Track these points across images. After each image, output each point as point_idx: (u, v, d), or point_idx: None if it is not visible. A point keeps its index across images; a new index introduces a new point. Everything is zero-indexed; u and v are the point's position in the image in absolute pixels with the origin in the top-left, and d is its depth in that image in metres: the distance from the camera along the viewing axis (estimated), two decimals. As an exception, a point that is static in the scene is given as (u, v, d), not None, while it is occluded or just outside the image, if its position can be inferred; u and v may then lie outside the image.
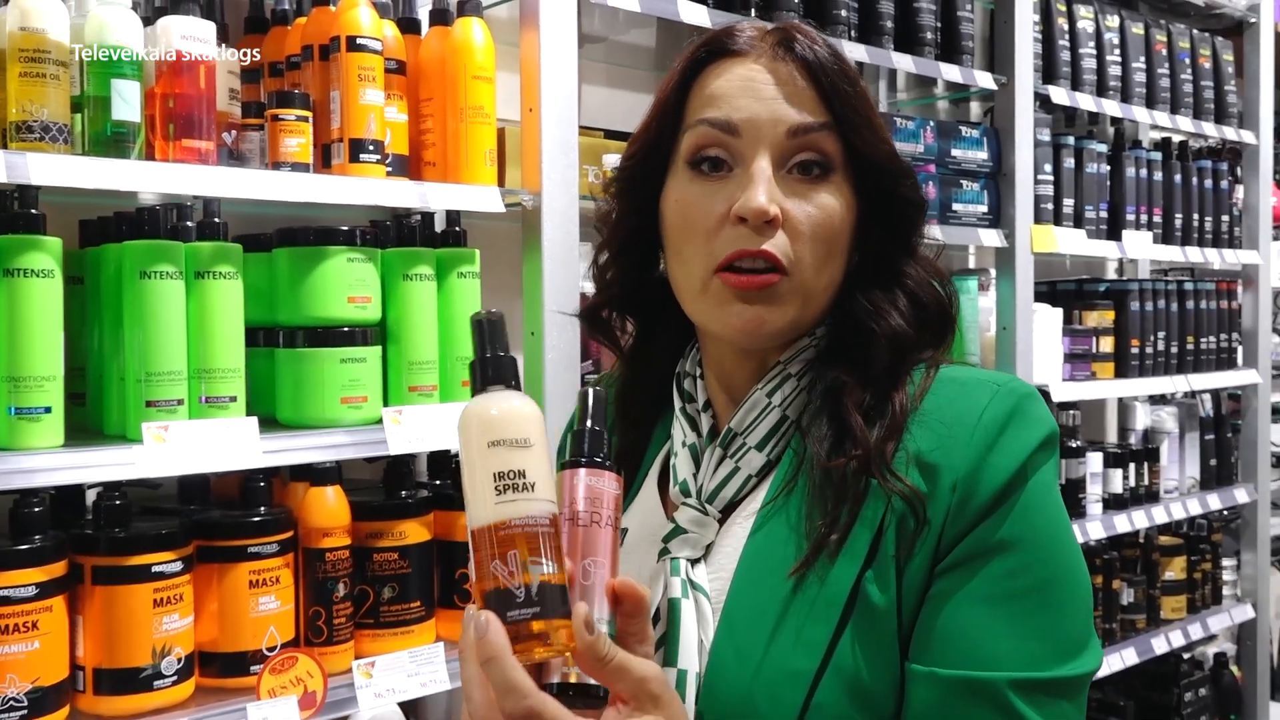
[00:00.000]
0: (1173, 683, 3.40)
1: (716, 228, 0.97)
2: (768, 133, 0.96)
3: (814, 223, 0.97)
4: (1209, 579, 3.51)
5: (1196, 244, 3.41)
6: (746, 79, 0.98)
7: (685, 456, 1.03)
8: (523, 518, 0.76)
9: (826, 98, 0.97)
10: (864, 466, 0.93)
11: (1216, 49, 3.52)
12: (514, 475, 0.77)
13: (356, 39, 1.75)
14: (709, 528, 0.99)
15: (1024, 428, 0.93)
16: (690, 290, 1.00)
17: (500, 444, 0.78)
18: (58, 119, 1.51)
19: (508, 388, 0.80)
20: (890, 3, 2.54)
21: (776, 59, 0.98)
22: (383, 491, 1.89)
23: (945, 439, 0.93)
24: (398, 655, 1.79)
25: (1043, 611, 0.90)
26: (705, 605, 0.95)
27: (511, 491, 0.77)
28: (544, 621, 0.75)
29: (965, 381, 0.98)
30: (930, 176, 2.64)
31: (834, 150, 0.98)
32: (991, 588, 0.90)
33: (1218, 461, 3.58)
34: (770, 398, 1.00)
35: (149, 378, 1.58)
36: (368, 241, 1.79)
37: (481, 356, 0.81)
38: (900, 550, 0.91)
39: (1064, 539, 0.94)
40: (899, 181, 1.01)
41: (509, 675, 0.74)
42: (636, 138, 1.05)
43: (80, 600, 1.57)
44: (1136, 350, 3.18)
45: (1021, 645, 0.89)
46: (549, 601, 0.75)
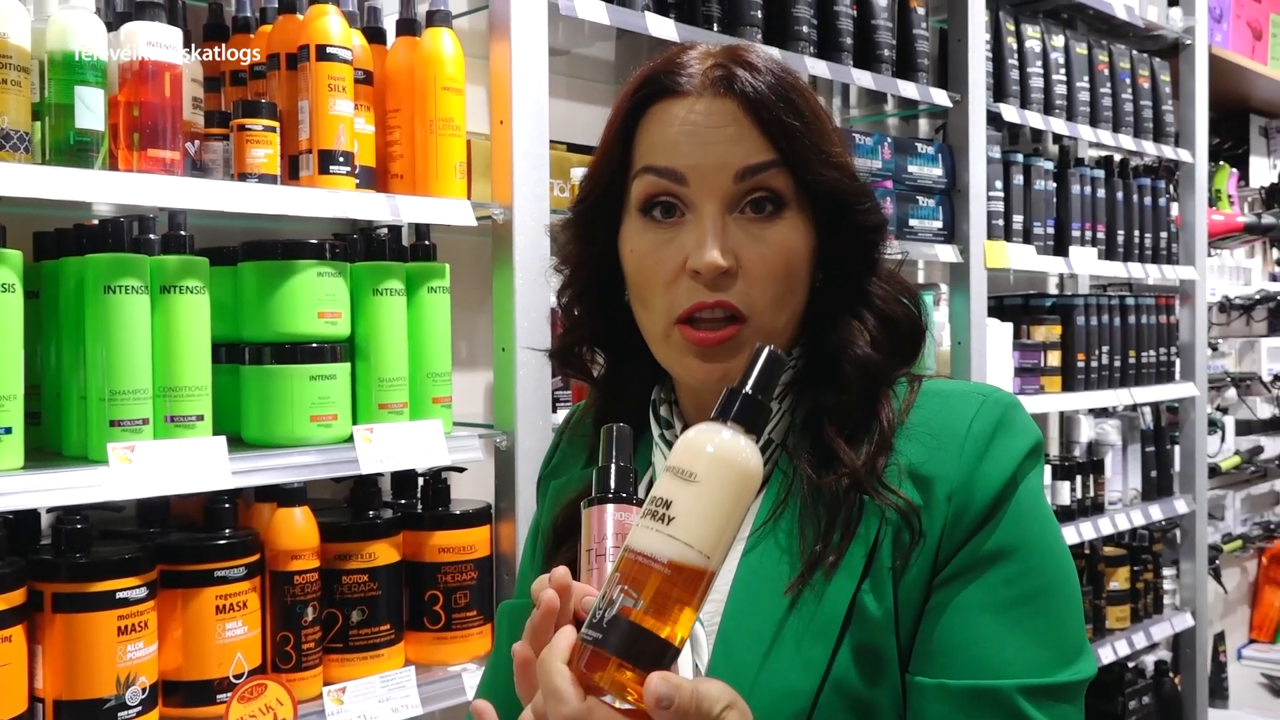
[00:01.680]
0: (1117, 692, 3.45)
1: (673, 279, 0.96)
2: (713, 179, 0.96)
3: (770, 265, 0.96)
4: (1151, 588, 3.58)
5: (1137, 260, 3.48)
6: (688, 123, 0.97)
7: None
8: (645, 550, 0.72)
9: (771, 134, 0.96)
10: (855, 484, 0.93)
11: (1155, 69, 3.60)
12: (660, 504, 0.74)
13: (326, 48, 1.71)
14: None
15: (1012, 436, 0.95)
16: (655, 337, 1.00)
17: (672, 469, 0.75)
18: (18, 127, 1.45)
19: (725, 422, 0.76)
20: (849, 20, 2.55)
21: (717, 96, 0.97)
22: (350, 512, 1.84)
23: (936, 450, 0.94)
24: (369, 680, 1.74)
25: (1042, 617, 0.92)
26: (698, 630, 0.94)
27: (651, 519, 0.73)
28: (595, 650, 0.72)
29: (950, 393, 0.99)
30: (888, 192, 2.66)
31: (784, 186, 0.97)
32: (992, 596, 0.91)
33: (1158, 473, 3.65)
34: None
35: (113, 396, 1.52)
36: (337, 255, 1.75)
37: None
38: (896, 562, 0.92)
39: (1056, 544, 0.96)
40: (854, 208, 1.00)
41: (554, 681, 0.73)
42: (587, 180, 1.05)
43: (40, 629, 1.50)
44: (1082, 364, 3.24)
45: (1026, 652, 0.90)
46: (618, 637, 0.71)
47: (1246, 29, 4.37)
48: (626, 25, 2.08)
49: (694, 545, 0.71)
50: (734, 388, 0.76)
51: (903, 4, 2.73)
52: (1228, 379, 4.76)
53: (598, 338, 1.11)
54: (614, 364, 1.12)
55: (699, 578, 0.72)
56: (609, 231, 1.03)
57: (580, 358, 1.12)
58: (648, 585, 0.71)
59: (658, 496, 0.73)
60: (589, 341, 1.11)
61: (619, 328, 1.08)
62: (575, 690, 0.73)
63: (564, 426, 1.22)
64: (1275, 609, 5.10)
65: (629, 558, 0.72)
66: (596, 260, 1.05)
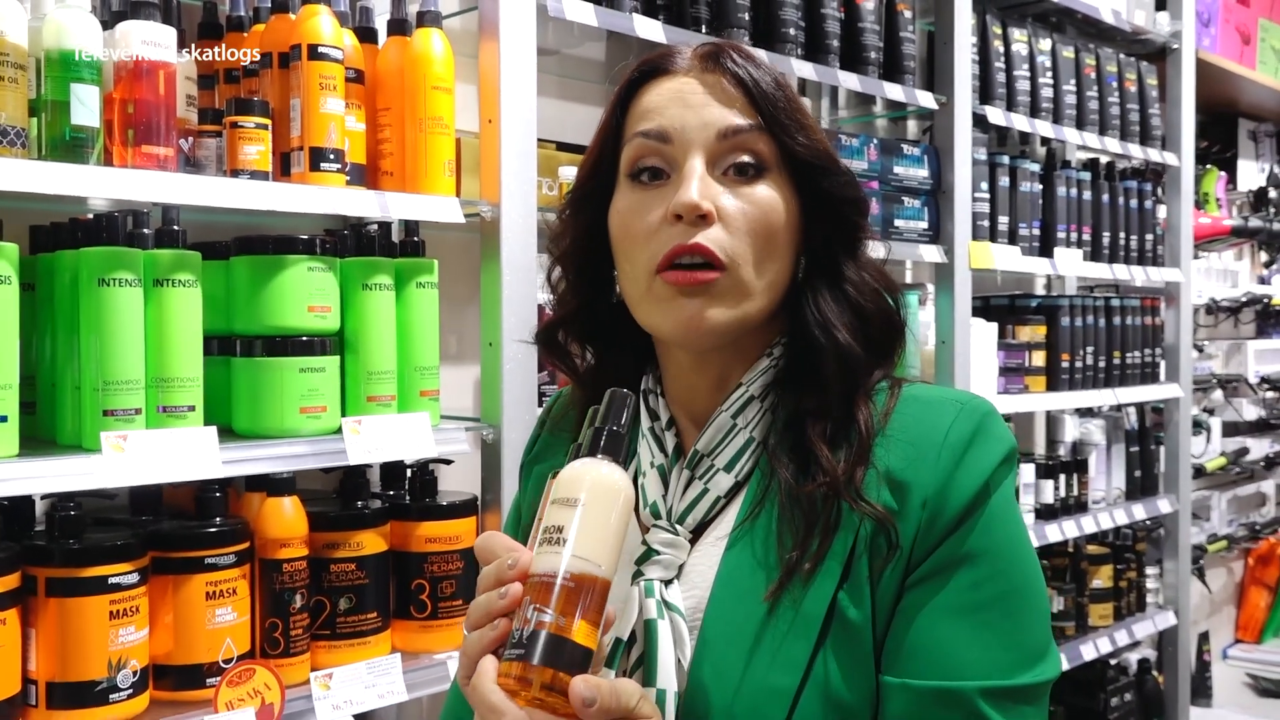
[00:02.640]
0: (1099, 689, 3.49)
1: (655, 230, 1.00)
2: (698, 136, 1.00)
3: (749, 217, 0.99)
4: (1134, 587, 3.62)
5: (1123, 261, 3.52)
6: (676, 91, 1.02)
7: (654, 478, 1.04)
8: (546, 571, 0.81)
9: (755, 102, 1.01)
10: (834, 492, 0.96)
11: (1141, 73, 3.64)
12: (553, 530, 0.83)
13: (318, 47, 1.75)
14: (681, 549, 1.01)
15: (987, 445, 0.97)
16: (636, 294, 1.02)
17: (556, 501, 0.85)
18: (15, 123, 1.48)
19: (595, 456, 0.86)
20: (836, 22, 2.59)
21: (706, 71, 1.02)
22: (338, 502, 1.88)
23: (913, 458, 0.96)
24: (355, 667, 1.78)
25: (1007, 620, 0.94)
26: (681, 625, 0.96)
27: (547, 545, 0.83)
28: (522, 665, 0.79)
29: (929, 400, 1.01)
30: (873, 193, 2.69)
31: (767, 150, 1.01)
32: (959, 599, 0.93)
33: (1142, 472, 3.69)
34: (735, 419, 1.02)
35: (106, 386, 1.55)
36: (327, 251, 1.78)
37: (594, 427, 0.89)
38: (873, 567, 0.94)
39: (1024, 551, 0.98)
40: (833, 177, 1.03)
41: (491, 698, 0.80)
42: (583, 161, 1.09)
43: (33, 613, 1.54)
44: (1067, 364, 3.28)
45: (989, 654, 0.92)
46: (539, 649, 0.79)
47: (1235, 33, 4.41)
48: (614, 27, 2.12)
49: (588, 558, 0.82)
50: (596, 427, 0.88)
51: (890, 6, 2.77)
52: (1214, 381, 4.80)
53: (585, 324, 1.12)
54: (600, 356, 1.14)
55: (597, 585, 0.82)
56: (601, 210, 1.06)
57: (564, 345, 1.14)
58: (556, 599, 0.80)
59: (549, 525, 0.83)
60: (574, 325, 1.12)
61: (606, 317, 1.10)
62: (511, 702, 0.80)
63: (545, 415, 1.24)
64: (1260, 609, 5.15)
65: (534, 581, 0.81)
66: (588, 237, 1.08)
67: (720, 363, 1.04)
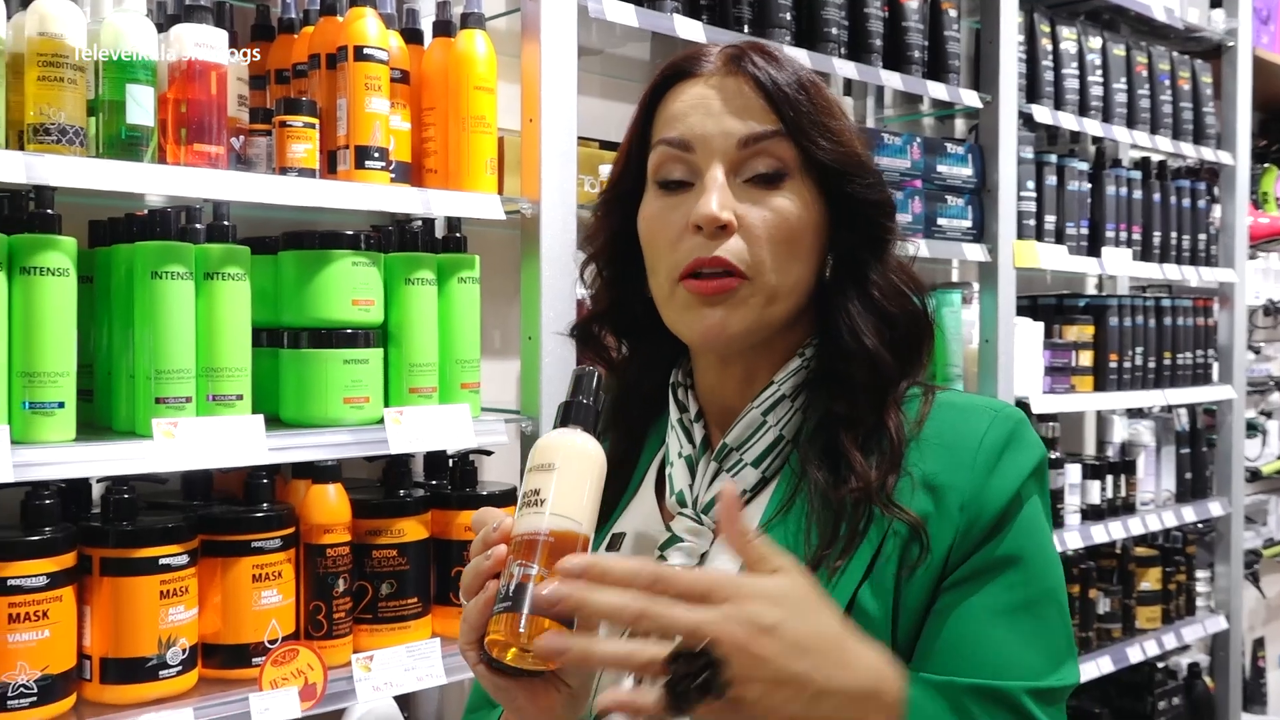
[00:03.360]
0: (1147, 691, 3.46)
1: (678, 238, 1.02)
2: (719, 145, 1.02)
3: (770, 225, 1.01)
4: (1183, 590, 3.58)
5: (1174, 261, 3.49)
6: (699, 97, 1.04)
7: (681, 468, 1.07)
8: (528, 530, 0.86)
9: (776, 106, 1.02)
10: (865, 497, 0.98)
11: (1196, 71, 3.60)
12: (531, 494, 0.88)
13: (364, 49, 1.80)
14: (704, 537, 1.03)
15: (1021, 451, 1.00)
16: (661, 298, 1.05)
17: (533, 469, 0.90)
18: (74, 122, 1.55)
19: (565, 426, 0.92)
20: (879, 21, 2.60)
21: (728, 75, 1.04)
22: (382, 490, 1.94)
23: (948, 462, 0.99)
24: (395, 650, 1.83)
25: (1042, 623, 0.97)
26: None
27: (526, 508, 0.87)
28: (513, 615, 0.83)
29: (963, 407, 1.04)
30: (916, 192, 2.70)
31: (788, 156, 1.02)
32: (999, 600, 0.96)
33: (1193, 475, 3.65)
34: (766, 417, 1.04)
35: (158, 375, 1.62)
36: (371, 246, 1.84)
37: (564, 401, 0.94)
38: (902, 569, 0.96)
39: (1053, 556, 1.01)
40: (857, 180, 1.04)
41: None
42: (615, 163, 1.12)
43: (88, 591, 1.61)
44: (1115, 364, 3.25)
45: (1027, 654, 0.95)
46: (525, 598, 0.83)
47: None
48: (654, 27, 2.15)
49: (566, 515, 0.86)
50: (565, 401, 0.94)
51: (935, 5, 2.78)
52: (1272, 383, 4.72)
53: (617, 318, 1.15)
54: (633, 349, 1.17)
55: (576, 541, 0.86)
56: (632, 210, 1.09)
57: (599, 338, 1.17)
58: (539, 554, 0.84)
59: (528, 490, 0.88)
60: (608, 320, 1.16)
61: (639, 312, 1.13)
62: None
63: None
64: (1320, 616, 5.05)
65: (517, 542, 0.86)
66: (617, 237, 1.11)
67: (747, 360, 1.07)
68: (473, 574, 0.89)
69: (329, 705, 1.74)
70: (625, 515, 1.13)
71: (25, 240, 1.53)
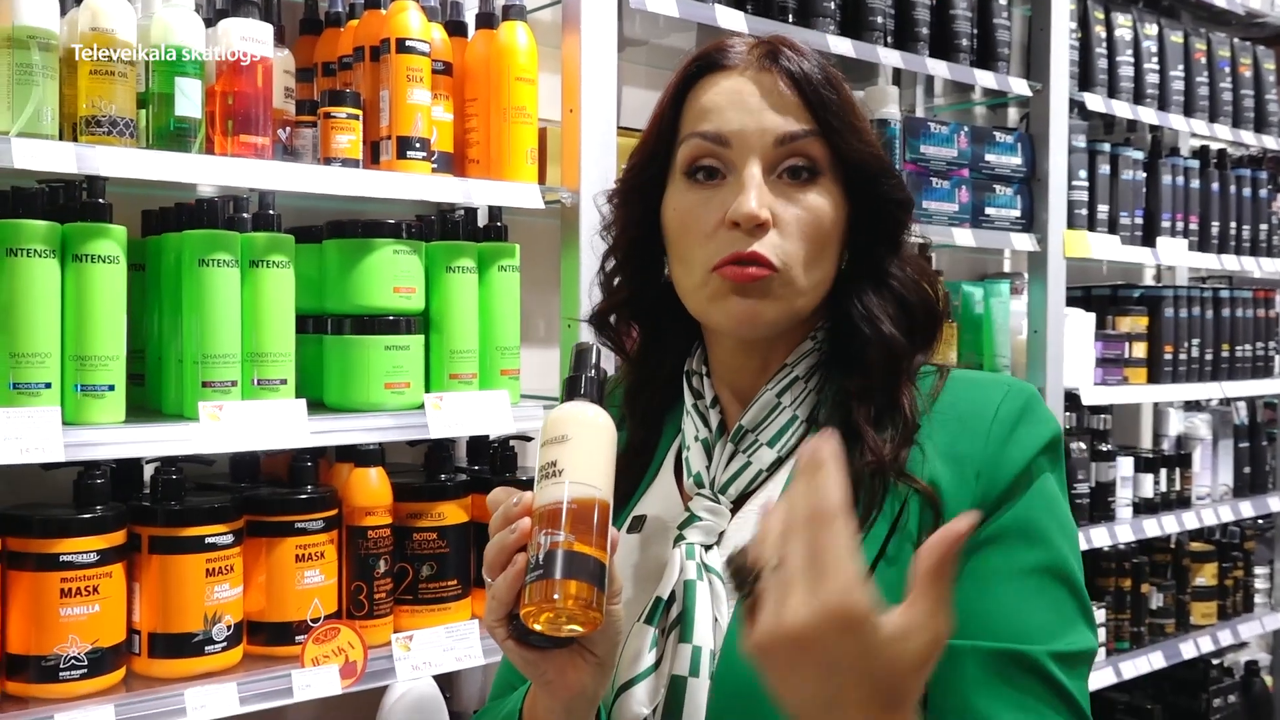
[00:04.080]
0: (1201, 688, 3.41)
1: (713, 231, 1.03)
2: (756, 142, 1.02)
3: (803, 223, 1.02)
4: (1240, 586, 3.52)
5: (1234, 252, 3.43)
6: (734, 92, 1.04)
7: (698, 450, 1.09)
8: (550, 501, 0.87)
9: (811, 106, 1.03)
10: (879, 470, 1.00)
11: (1258, 58, 3.53)
12: (548, 467, 0.89)
13: (405, 41, 1.84)
14: (722, 516, 1.05)
15: (1035, 425, 1.02)
16: (692, 288, 1.06)
17: (547, 442, 0.91)
18: (124, 114, 1.60)
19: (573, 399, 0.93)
20: (926, 9, 2.59)
21: (762, 70, 1.04)
22: (423, 474, 1.97)
23: (963, 434, 1.01)
24: (435, 630, 1.87)
25: (1061, 587, 0.98)
26: (719, 586, 1.01)
27: (545, 480, 0.89)
28: (547, 581, 0.84)
29: (977, 382, 1.06)
30: (963, 181, 2.69)
31: (820, 155, 1.03)
32: (1015, 565, 0.97)
33: (1252, 470, 3.58)
34: (780, 398, 1.07)
35: (205, 360, 1.67)
36: (413, 235, 1.87)
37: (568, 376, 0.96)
38: (922, 537, 0.97)
39: (1069, 524, 1.02)
40: (883, 181, 1.06)
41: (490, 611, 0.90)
42: (637, 151, 1.12)
43: (138, 568, 1.67)
44: (1170, 356, 3.21)
45: (1049, 618, 0.96)
46: (559, 564, 0.85)
47: (1366, 16, 4.23)
48: (694, 17, 2.16)
49: (586, 482, 0.88)
50: (569, 376, 0.95)
51: (984, -7, 2.76)
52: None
53: (635, 307, 1.16)
54: (649, 337, 1.18)
55: (598, 504, 0.88)
56: (653, 199, 1.10)
57: (615, 327, 1.18)
58: (565, 522, 0.86)
59: (544, 464, 0.90)
60: (626, 309, 1.17)
61: (656, 300, 1.14)
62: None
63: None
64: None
65: (540, 511, 0.87)
66: (640, 226, 1.11)
67: (765, 346, 1.09)
68: (497, 549, 0.90)
69: (369, 683, 1.79)
70: (645, 498, 1.15)
71: (78, 229, 1.58)
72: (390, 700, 1.92)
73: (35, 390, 1.54)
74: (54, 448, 1.50)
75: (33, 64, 1.54)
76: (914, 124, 2.63)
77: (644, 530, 1.12)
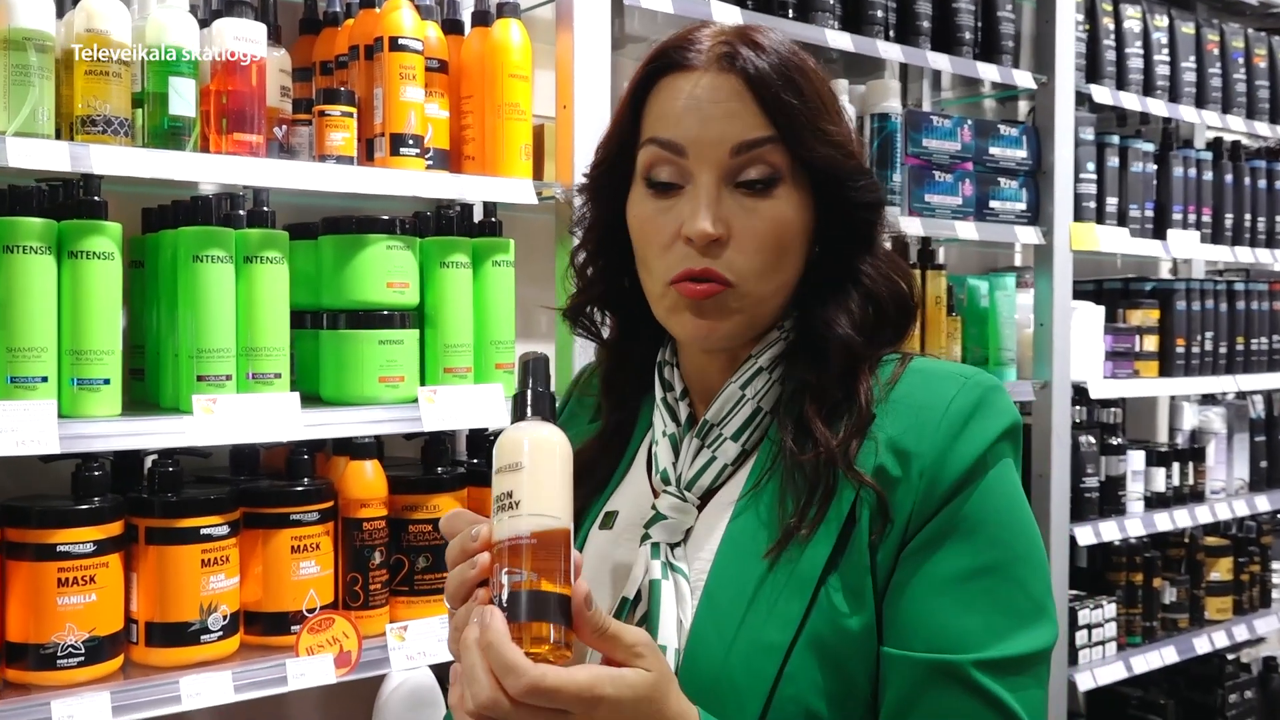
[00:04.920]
0: (1216, 684, 3.38)
1: (669, 243, 1.02)
2: (711, 152, 1.00)
3: (759, 235, 1.01)
4: (1257, 581, 3.49)
5: (1248, 244, 3.40)
6: (691, 97, 1.01)
7: (666, 446, 1.08)
8: (509, 536, 0.83)
9: (769, 111, 1.01)
10: (830, 461, 0.99)
11: (1273, 48, 3.50)
12: (504, 497, 0.84)
13: (398, 39, 1.86)
14: (688, 514, 1.05)
15: (988, 418, 0.99)
16: (654, 296, 1.06)
17: (501, 469, 0.86)
18: (119, 113, 1.64)
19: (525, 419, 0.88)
20: (928, 3, 2.59)
21: (720, 72, 1.02)
22: (420, 467, 2.00)
23: (914, 426, 0.99)
24: (429, 621, 1.89)
25: (1001, 589, 0.96)
26: (684, 586, 1.00)
27: (502, 512, 0.84)
28: (513, 625, 0.81)
29: (934, 372, 1.03)
30: (967, 174, 2.68)
31: (780, 161, 1.01)
32: (951, 568, 0.96)
33: (1268, 463, 3.55)
34: (744, 390, 1.06)
35: (200, 354, 1.70)
36: (407, 231, 1.90)
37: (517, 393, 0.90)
38: (873, 533, 0.97)
39: (1021, 521, 0.99)
40: (849, 185, 1.04)
41: (507, 656, 0.79)
42: (601, 147, 1.11)
43: (135, 558, 1.70)
44: (1182, 349, 3.19)
45: (981, 624, 0.94)
46: (523, 607, 0.82)
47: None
48: (692, 14, 2.17)
49: (545, 513, 0.83)
50: (518, 392, 0.90)
51: (988, -14, 2.75)
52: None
53: (608, 299, 1.17)
54: (623, 327, 1.18)
55: (559, 536, 0.84)
56: (620, 196, 1.09)
57: (590, 318, 1.18)
58: (525, 559, 0.82)
59: (499, 494, 0.85)
60: (599, 302, 1.17)
61: (628, 291, 1.14)
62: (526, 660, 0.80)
63: (574, 383, 1.31)
64: None
65: (500, 548, 0.83)
66: (608, 224, 1.11)
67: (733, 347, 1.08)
68: (458, 582, 0.87)
69: (363, 673, 1.81)
70: (618, 493, 1.15)
71: (73, 226, 1.62)
72: (387, 690, 1.95)
73: (32, 384, 1.57)
74: (49, 440, 1.53)
75: (29, 65, 1.58)
76: (916, 118, 2.63)
77: (615, 527, 1.12)
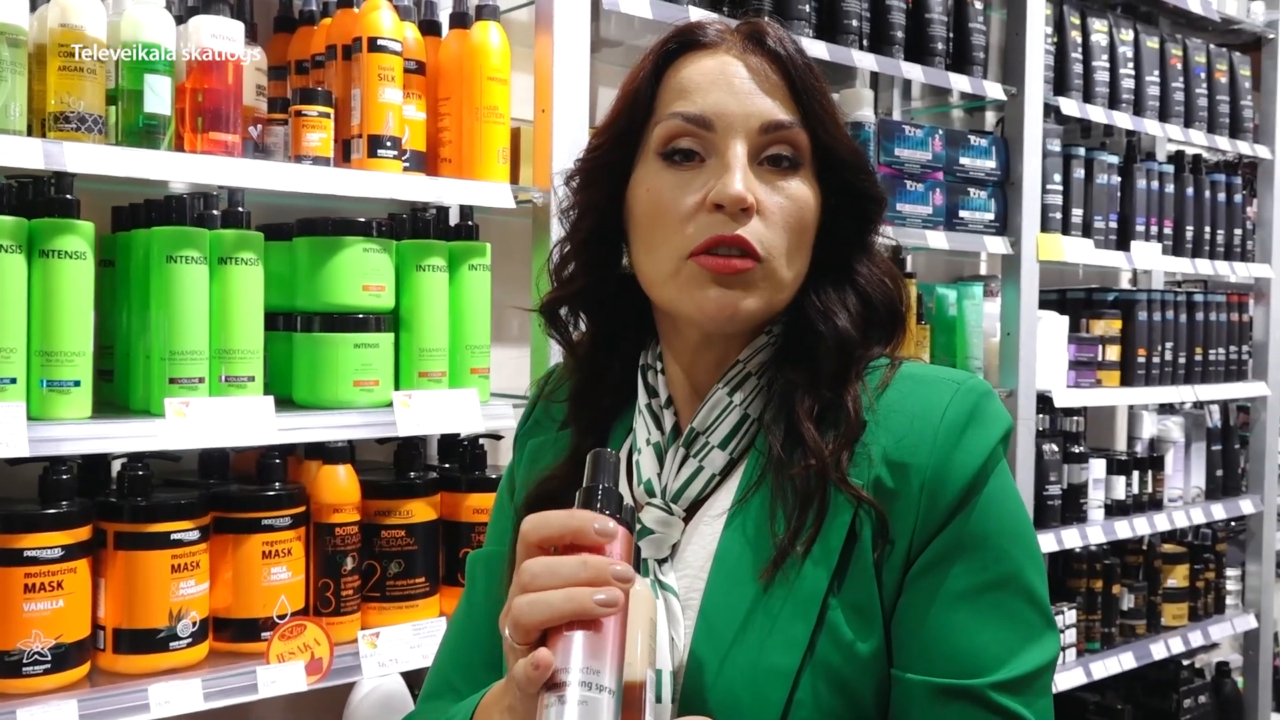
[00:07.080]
0: (1172, 689, 3.43)
1: (690, 215, 0.98)
2: (741, 126, 0.98)
3: (786, 212, 0.99)
4: (1212, 588, 3.55)
5: (1208, 256, 3.45)
6: (718, 71, 0.99)
7: (649, 455, 1.04)
8: None
9: (797, 93, 1.00)
10: (822, 473, 0.96)
11: (1234, 64, 3.56)
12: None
13: (378, 40, 1.84)
14: (674, 527, 1.01)
15: (984, 426, 0.97)
16: (660, 276, 1.01)
17: None
18: (93, 110, 1.61)
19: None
20: (901, 13, 2.60)
21: (747, 51, 1.01)
22: (393, 472, 1.98)
23: (908, 436, 0.96)
24: (401, 628, 1.87)
25: (1013, 599, 0.94)
26: (675, 605, 0.97)
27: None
28: None
29: (925, 379, 1.01)
30: (937, 184, 2.70)
31: (803, 144, 1.00)
32: (961, 587, 0.94)
33: (1224, 472, 3.61)
34: (731, 396, 1.02)
35: (172, 356, 1.67)
36: (383, 233, 1.88)
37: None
38: (876, 551, 0.95)
39: (1022, 526, 0.98)
40: (860, 175, 1.04)
41: None
42: (603, 130, 1.06)
43: (103, 564, 1.67)
44: (1143, 359, 3.23)
45: (999, 639, 0.93)
46: None
47: (1343, 23, 4.26)
48: (669, 19, 2.17)
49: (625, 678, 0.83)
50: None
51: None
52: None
53: (589, 298, 1.10)
54: (600, 334, 1.12)
55: (642, 687, 0.85)
56: (618, 183, 1.04)
57: (564, 320, 1.11)
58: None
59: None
60: (580, 299, 1.10)
61: (611, 292, 1.09)
62: None
63: (539, 388, 1.22)
64: (1361, 618, 4.97)
65: None
66: (600, 213, 1.06)
67: (724, 341, 1.04)
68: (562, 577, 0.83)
69: (335, 680, 1.79)
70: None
71: (45, 224, 1.58)
72: (357, 698, 1.93)
73: (1, 386, 1.54)
74: (18, 443, 1.50)
75: (1, 60, 1.54)
76: (889, 127, 2.65)
77: None
